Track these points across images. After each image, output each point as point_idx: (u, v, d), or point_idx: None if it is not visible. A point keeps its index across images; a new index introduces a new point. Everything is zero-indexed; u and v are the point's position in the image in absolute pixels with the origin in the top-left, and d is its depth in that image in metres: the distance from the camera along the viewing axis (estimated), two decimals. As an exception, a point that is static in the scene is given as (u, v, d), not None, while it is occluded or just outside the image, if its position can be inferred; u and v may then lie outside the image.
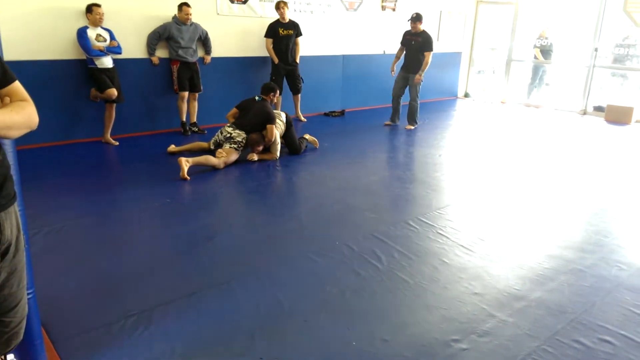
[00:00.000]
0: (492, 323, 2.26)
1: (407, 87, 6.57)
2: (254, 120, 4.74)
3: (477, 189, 4.21)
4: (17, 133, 1.21)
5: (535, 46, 9.19)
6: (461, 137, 6.36)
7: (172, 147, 4.93)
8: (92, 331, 2.11)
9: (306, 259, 2.82)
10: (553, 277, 2.71)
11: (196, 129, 5.87)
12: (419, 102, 6.53)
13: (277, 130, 4.83)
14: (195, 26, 5.59)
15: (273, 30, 6.22)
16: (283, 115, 5.06)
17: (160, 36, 5.47)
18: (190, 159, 4.22)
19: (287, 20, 6.25)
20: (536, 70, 9.43)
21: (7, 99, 1.21)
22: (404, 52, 6.59)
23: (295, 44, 6.41)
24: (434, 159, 5.21)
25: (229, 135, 4.68)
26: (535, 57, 9.19)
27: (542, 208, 3.81)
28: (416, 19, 6.34)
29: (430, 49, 6.30)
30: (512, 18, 9.04)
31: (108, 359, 1.95)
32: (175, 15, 5.46)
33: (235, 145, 4.63)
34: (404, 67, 6.54)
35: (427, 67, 6.35)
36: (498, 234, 3.28)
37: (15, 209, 1.31)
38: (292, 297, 2.42)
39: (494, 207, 3.79)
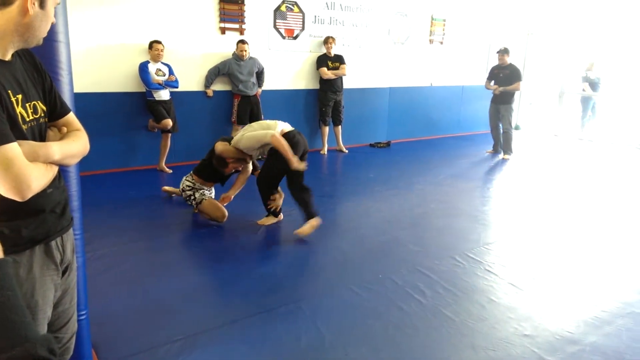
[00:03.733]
0: (543, 367, 2.15)
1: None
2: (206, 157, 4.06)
3: (528, 225, 4.07)
4: (75, 161, 1.33)
5: (584, 79, 8.93)
6: (511, 170, 6.19)
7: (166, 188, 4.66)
8: (140, 354, 2.17)
9: (348, 291, 2.81)
10: (610, 321, 2.55)
11: (259, 157, 6.07)
12: (512, 131, 6.84)
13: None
14: (254, 61, 5.87)
15: (324, 62, 6.45)
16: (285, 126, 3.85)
17: (220, 71, 5.76)
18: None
19: (332, 55, 6.45)
20: (586, 102, 9.12)
21: (65, 129, 1.33)
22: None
23: (342, 68, 6.51)
24: (482, 192, 5.10)
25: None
26: (584, 90, 8.92)
27: (599, 248, 3.62)
28: (504, 51, 6.68)
29: (519, 79, 6.62)
30: (564, 50, 8.84)
31: (153, 382, 2.00)
32: (234, 52, 5.75)
33: (190, 201, 4.01)
34: (494, 100, 6.87)
35: (513, 89, 6.63)
36: (550, 273, 3.13)
37: (71, 232, 1.42)
38: (334, 330, 2.40)
39: (545, 245, 3.64)
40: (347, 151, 6.85)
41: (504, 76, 6.67)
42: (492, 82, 6.84)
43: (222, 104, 5.98)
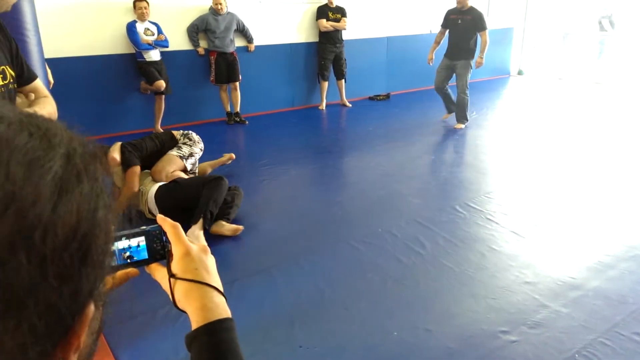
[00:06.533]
0: (545, 314, 2.13)
1: (453, 76, 5.45)
2: None
3: (530, 172, 3.99)
4: None
5: (602, 17, 8.59)
6: (513, 117, 6.06)
7: None
8: (139, 316, 2.18)
9: (348, 246, 2.78)
10: (613, 265, 2.52)
11: (238, 119, 5.89)
12: (468, 94, 5.36)
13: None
14: (232, 16, 5.59)
15: (324, 13, 6.21)
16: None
17: (198, 28, 5.52)
18: None
19: (334, 5, 6.20)
20: (602, 42, 8.84)
21: (32, 95, 1.30)
22: (446, 35, 5.52)
23: (342, 21, 6.29)
24: (483, 141, 5.00)
25: None
26: (603, 29, 8.57)
27: (602, 192, 3.56)
28: None
29: (485, 26, 5.21)
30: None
31: (153, 344, 2.01)
32: (210, 6, 5.50)
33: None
34: (448, 54, 5.42)
35: (487, 47, 5.27)
36: (552, 219, 3.09)
37: None
38: (333, 285, 2.39)
39: (548, 191, 3.58)
40: (350, 105, 6.70)
41: (464, 23, 5.22)
42: (448, 32, 5.44)
43: (209, 62, 5.77)
